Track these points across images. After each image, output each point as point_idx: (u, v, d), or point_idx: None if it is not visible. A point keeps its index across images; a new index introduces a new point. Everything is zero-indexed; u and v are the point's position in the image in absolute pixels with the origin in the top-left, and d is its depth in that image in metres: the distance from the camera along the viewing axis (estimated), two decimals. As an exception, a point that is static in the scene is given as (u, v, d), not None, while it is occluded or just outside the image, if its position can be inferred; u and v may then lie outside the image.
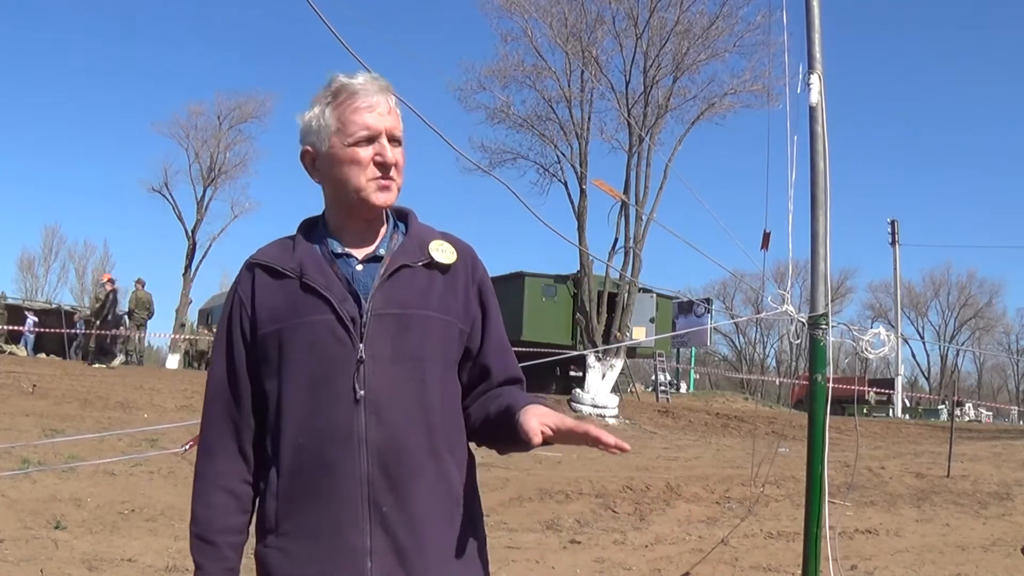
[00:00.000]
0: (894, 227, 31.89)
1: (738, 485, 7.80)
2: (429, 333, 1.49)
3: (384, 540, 1.41)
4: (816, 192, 4.09)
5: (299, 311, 1.47)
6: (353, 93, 1.49)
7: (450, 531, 1.47)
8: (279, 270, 1.51)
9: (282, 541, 1.45)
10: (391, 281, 1.49)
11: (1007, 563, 5.89)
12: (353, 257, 1.53)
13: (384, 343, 1.45)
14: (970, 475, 8.75)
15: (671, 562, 5.71)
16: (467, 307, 1.56)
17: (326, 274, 1.49)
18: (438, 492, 1.46)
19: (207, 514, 1.49)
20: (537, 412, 1.42)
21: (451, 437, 1.51)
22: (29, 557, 4.80)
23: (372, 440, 1.42)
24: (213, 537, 1.48)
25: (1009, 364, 57.81)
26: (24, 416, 9.20)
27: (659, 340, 23.54)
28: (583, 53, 20.91)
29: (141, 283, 19.86)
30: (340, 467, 1.42)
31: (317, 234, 1.56)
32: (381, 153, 1.49)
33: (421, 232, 1.58)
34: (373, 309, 1.46)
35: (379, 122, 1.49)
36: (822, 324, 4.00)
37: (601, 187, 5.15)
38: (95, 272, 48.93)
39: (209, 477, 1.51)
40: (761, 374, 51.73)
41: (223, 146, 31.47)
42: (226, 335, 1.56)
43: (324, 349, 1.44)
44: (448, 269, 1.55)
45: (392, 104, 1.53)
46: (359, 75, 1.53)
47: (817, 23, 4.24)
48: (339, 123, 1.50)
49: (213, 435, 1.53)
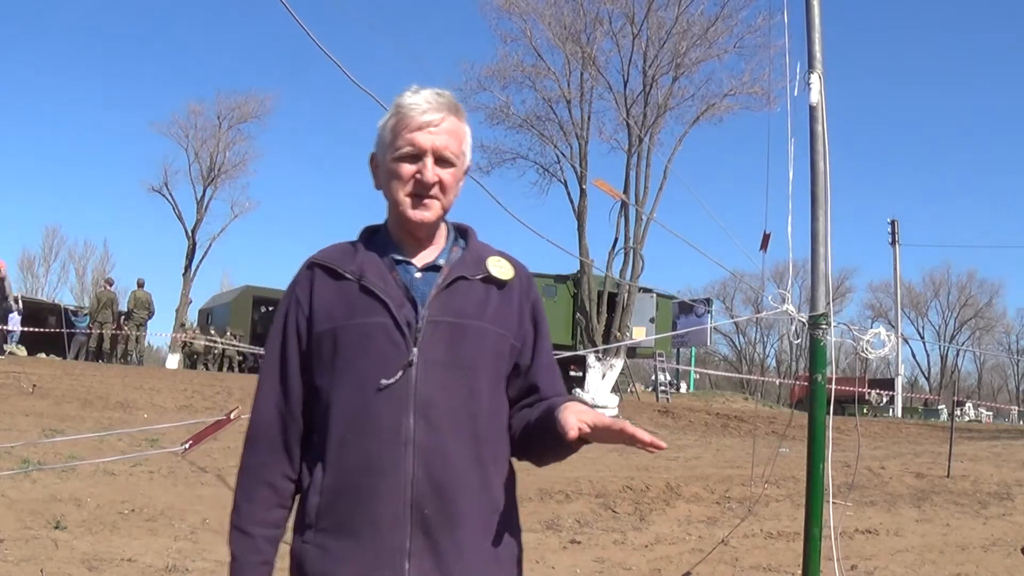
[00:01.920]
0: (894, 227, 31.89)
1: (738, 485, 7.80)
2: (482, 344, 1.51)
3: (424, 543, 1.43)
4: (816, 192, 4.09)
5: (356, 312, 1.50)
6: (408, 109, 1.52)
7: (489, 540, 1.49)
8: (339, 271, 1.54)
9: (321, 537, 1.46)
10: (448, 291, 1.52)
11: (1007, 563, 5.89)
12: (412, 265, 1.56)
13: (438, 349, 1.48)
14: (970, 475, 8.75)
15: (671, 562, 5.71)
16: (520, 323, 1.59)
17: (385, 279, 1.52)
18: (480, 501, 1.48)
19: (248, 507, 1.52)
20: (575, 409, 1.44)
21: (496, 449, 1.54)
22: (29, 557, 4.80)
23: (420, 443, 1.44)
24: (251, 529, 1.51)
25: (1009, 364, 57.87)
26: (24, 416, 9.20)
27: (659, 340, 23.54)
28: (582, 53, 20.90)
29: (140, 283, 19.90)
30: (385, 467, 1.43)
31: (378, 241, 1.60)
32: (421, 171, 1.52)
33: (480, 248, 1.62)
34: (429, 316, 1.49)
35: (425, 141, 1.51)
36: (822, 324, 4.00)
37: (601, 187, 5.14)
38: (95, 272, 48.97)
39: (253, 470, 1.54)
40: (761, 374, 51.73)
41: (223, 146, 31.48)
42: (281, 332, 1.58)
43: (378, 351, 1.47)
44: (504, 285, 1.58)
45: (450, 124, 1.54)
46: (423, 91, 1.55)
47: (817, 23, 4.24)
48: (392, 136, 1.54)
49: (262, 429, 1.55)
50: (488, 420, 1.51)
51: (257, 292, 26.94)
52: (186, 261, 30.72)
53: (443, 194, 1.54)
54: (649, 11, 20.70)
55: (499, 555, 1.50)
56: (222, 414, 3.90)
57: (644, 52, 21.06)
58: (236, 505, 1.54)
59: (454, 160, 1.55)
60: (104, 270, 48.31)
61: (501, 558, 1.51)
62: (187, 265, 30.66)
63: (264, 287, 27.54)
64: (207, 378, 15.59)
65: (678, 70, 21.04)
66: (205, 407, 11.21)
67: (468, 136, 1.60)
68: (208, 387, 13.08)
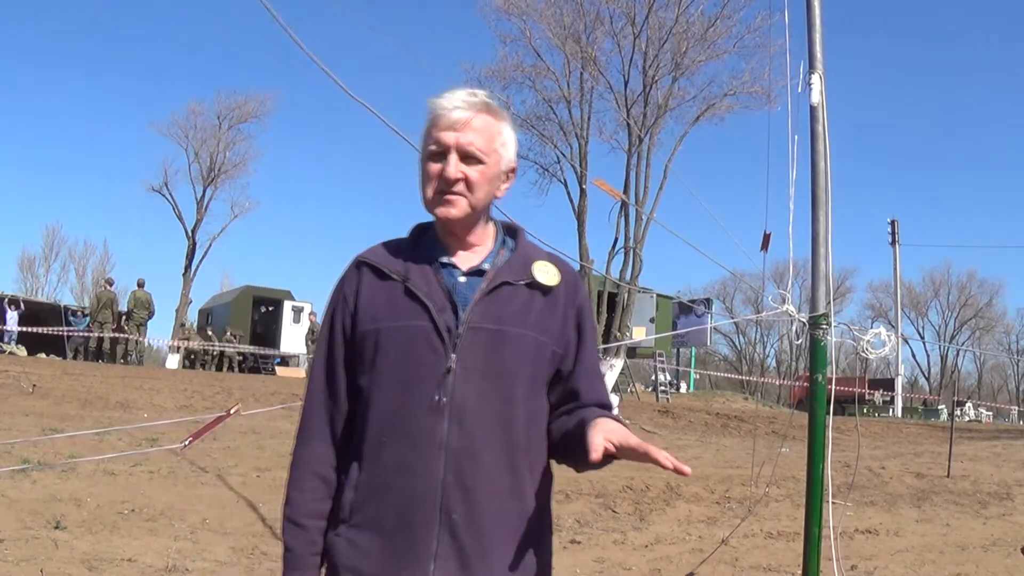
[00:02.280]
0: (894, 227, 31.90)
1: (738, 485, 7.80)
2: (522, 351, 1.52)
3: (450, 546, 1.45)
4: (816, 192, 4.09)
5: (398, 314, 1.52)
6: (438, 109, 1.55)
7: (516, 547, 1.49)
8: (385, 271, 1.56)
9: (352, 532, 1.50)
10: (491, 296, 1.53)
11: (1007, 563, 5.89)
12: (457, 268, 1.57)
13: (476, 356, 1.49)
14: (970, 475, 8.75)
15: (671, 562, 5.71)
16: (564, 330, 1.58)
17: (429, 282, 1.54)
18: (509, 507, 1.49)
19: (300, 498, 1.56)
20: (605, 427, 1.44)
21: (533, 455, 1.54)
22: (29, 557, 4.80)
23: (452, 447, 1.46)
24: (303, 521, 1.54)
25: (1009, 364, 57.88)
26: (24, 416, 9.20)
27: (659, 340, 23.55)
28: (582, 53, 20.90)
29: (141, 283, 19.90)
30: (417, 469, 1.46)
31: (426, 241, 1.61)
32: (444, 168, 1.53)
33: (528, 251, 1.62)
34: (470, 322, 1.50)
35: (449, 138, 1.53)
36: (822, 324, 4.00)
37: (602, 187, 5.14)
38: (95, 272, 48.96)
39: (305, 463, 1.58)
40: (761, 374, 51.74)
41: (223, 146, 31.48)
42: (329, 328, 1.61)
43: (417, 354, 1.49)
44: (550, 291, 1.58)
45: (480, 122, 1.55)
46: (452, 92, 1.58)
47: (818, 23, 4.24)
48: (424, 138, 1.58)
49: (313, 423, 1.59)
50: (525, 427, 1.52)
51: (257, 292, 26.95)
52: (186, 261, 30.73)
53: (470, 191, 1.55)
54: (650, 11, 20.70)
55: (526, 563, 1.51)
56: (222, 413, 3.91)
57: (644, 52, 21.06)
58: (288, 497, 1.58)
59: (482, 157, 1.55)
60: (104, 270, 48.32)
61: (528, 566, 1.51)
62: (187, 265, 30.66)
63: (264, 287, 27.56)
64: (207, 378, 15.60)
65: (678, 70, 21.04)
66: (205, 407, 11.20)
67: (505, 134, 1.60)
68: (208, 387, 13.09)
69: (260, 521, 5.94)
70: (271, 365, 24.35)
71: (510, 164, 1.62)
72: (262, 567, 5.03)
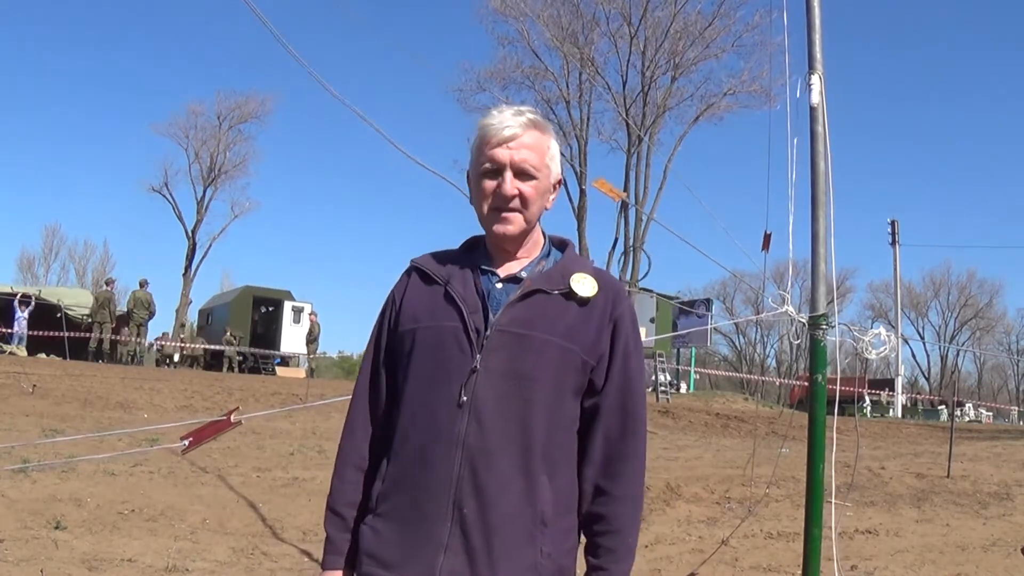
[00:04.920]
0: (894, 227, 31.90)
1: (738, 485, 7.79)
2: (545, 356, 1.54)
3: (460, 540, 1.49)
4: (817, 192, 4.09)
5: (435, 315, 1.60)
6: (488, 127, 1.61)
7: (525, 548, 1.51)
8: (431, 275, 1.65)
9: (377, 521, 1.58)
10: (523, 302, 1.58)
11: (1007, 563, 5.89)
12: (496, 275, 1.64)
13: (500, 358, 1.54)
14: (970, 475, 8.75)
15: (671, 562, 5.71)
16: (597, 341, 1.60)
17: (467, 286, 1.61)
18: (520, 509, 1.51)
19: (341, 488, 1.65)
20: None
21: (553, 460, 1.55)
22: (29, 557, 4.80)
23: (469, 445, 1.51)
24: (343, 511, 1.63)
25: (1009, 364, 57.92)
26: (24, 416, 9.20)
27: (659, 340, 23.55)
28: (580, 54, 20.90)
29: (142, 283, 19.89)
30: (435, 463, 1.52)
31: (475, 251, 1.70)
32: (500, 185, 1.59)
33: (570, 263, 1.66)
34: (498, 325, 1.56)
35: (503, 155, 1.59)
36: (822, 324, 4.00)
37: (601, 188, 5.13)
38: (95, 272, 48.96)
39: (346, 454, 1.67)
40: (761, 374, 51.73)
41: (223, 146, 31.57)
42: (377, 328, 1.71)
43: (445, 353, 1.56)
44: (587, 302, 1.60)
45: (530, 138, 1.61)
46: (502, 109, 1.64)
47: (818, 23, 4.24)
48: (476, 155, 1.64)
49: (356, 417, 1.68)
50: (545, 432, 1.53)
51: (257, 292, 26.93)
52: (186, 261, 30.80)
53: (524, 207, 1.61)
54: (646, 11, 20.70)
55: (537, 566, 1.51)
56: (222, 414, 3.90)
57: (642, 52, 21.07)
58: (332, 487, 1.66)
59: (535, 173, 1.61)
60: (104, 270, 48.38)
61: (539, 568, 1.51)
62: (187, 265, 30.71)
63: (264, 287, 27.54)
64: (207, 378, 15.60)
65: (676, 70, 21.05)
66: (205, 407, 11.21)
67: (552, 149, 1.66)
68: (208, 387, 13.09)
69: (260, 521, 5.94)
70: (271, 365, 24.36)
71: (557, 176, 1.69)
72: (262, 567, 5.03)
